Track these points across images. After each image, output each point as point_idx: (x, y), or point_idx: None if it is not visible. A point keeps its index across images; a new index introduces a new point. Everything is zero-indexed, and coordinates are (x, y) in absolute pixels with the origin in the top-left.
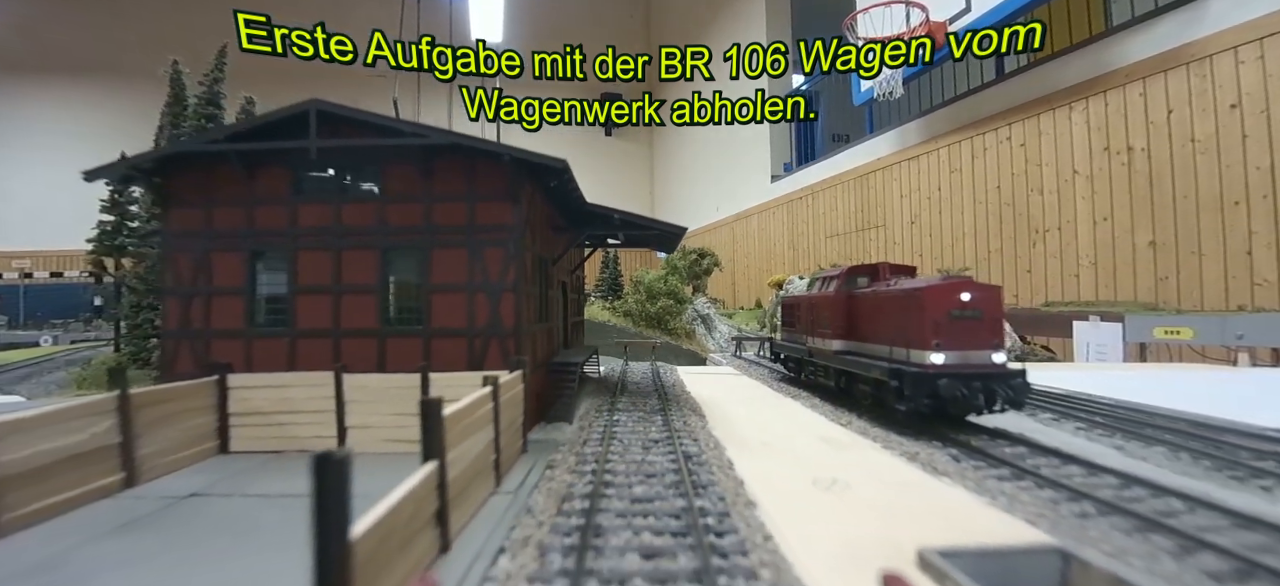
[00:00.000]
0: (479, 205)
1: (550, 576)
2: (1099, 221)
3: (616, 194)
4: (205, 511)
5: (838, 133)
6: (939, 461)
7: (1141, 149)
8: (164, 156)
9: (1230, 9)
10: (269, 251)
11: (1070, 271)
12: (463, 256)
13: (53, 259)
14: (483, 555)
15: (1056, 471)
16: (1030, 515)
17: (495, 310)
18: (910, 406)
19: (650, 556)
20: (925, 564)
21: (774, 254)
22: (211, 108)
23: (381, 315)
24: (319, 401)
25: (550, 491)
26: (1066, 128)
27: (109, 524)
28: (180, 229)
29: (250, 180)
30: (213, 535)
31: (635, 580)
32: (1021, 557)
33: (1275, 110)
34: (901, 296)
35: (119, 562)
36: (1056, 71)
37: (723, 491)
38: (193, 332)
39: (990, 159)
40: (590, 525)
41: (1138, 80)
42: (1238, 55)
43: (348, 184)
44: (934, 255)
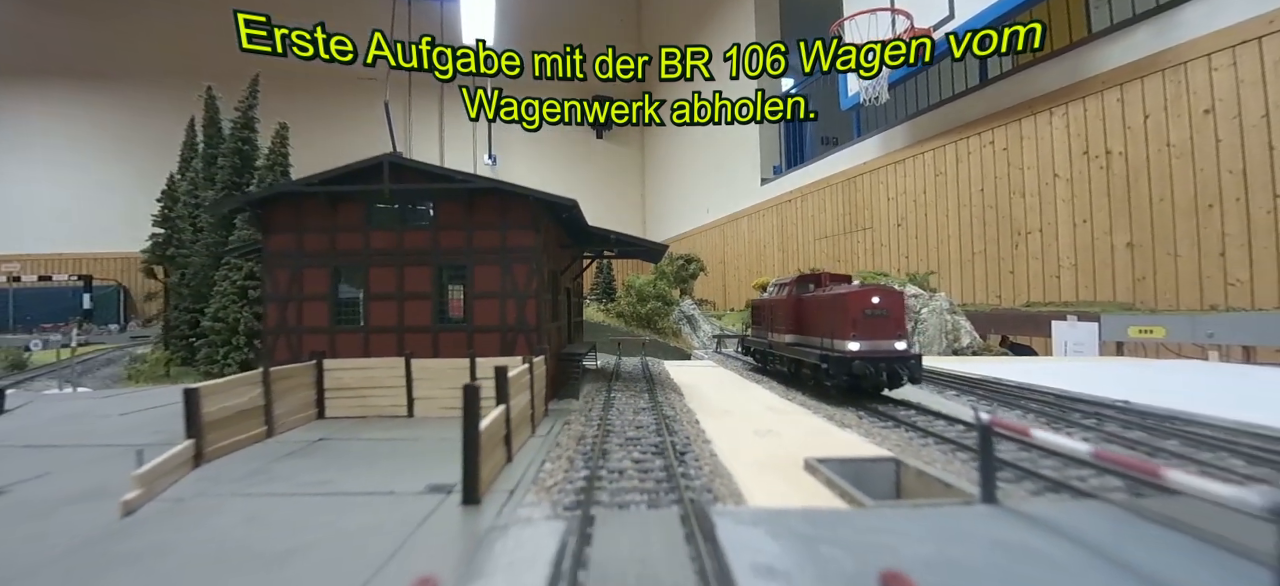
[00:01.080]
0: (509, 232)
1: (578, 470)
2: (1079, 223)
3: (608, 196)
4: (336, 448)
5: (827, 135)
6: (847, 419)
7: (1119, 153)
8: (269, 195)
9: (1204, 18)
10: (347, 267)
11: (1051, 272)
12: (496, 271)
13: (41, 262)
14: (533, 463)
15: (926, 424)
16: (891, 445)
17: (521, 312)
18: (834, 382)
19: (637, 462)
20: (809, 466)
21: (764, 256)
22: (246, 131)
23: (435, 315)
24: (393, 379)
25: (570, 434)
26: (1047, 132)
27: (276, 454)
28: (278, 249)
29: (333, 212)
30: (351, 460)
31: (629, 469)
32: (870, 464)
33: (1247, 116)
34: (831, 299)
35: (305, 469)
36: (1037, 77)
37: (688, 435)
38: (288, 329)
39: (974, 162)
40: (598, 449)
41: (1115, 86)
42: (1211, 62)
43: (408, 215)
44: (920, 257)
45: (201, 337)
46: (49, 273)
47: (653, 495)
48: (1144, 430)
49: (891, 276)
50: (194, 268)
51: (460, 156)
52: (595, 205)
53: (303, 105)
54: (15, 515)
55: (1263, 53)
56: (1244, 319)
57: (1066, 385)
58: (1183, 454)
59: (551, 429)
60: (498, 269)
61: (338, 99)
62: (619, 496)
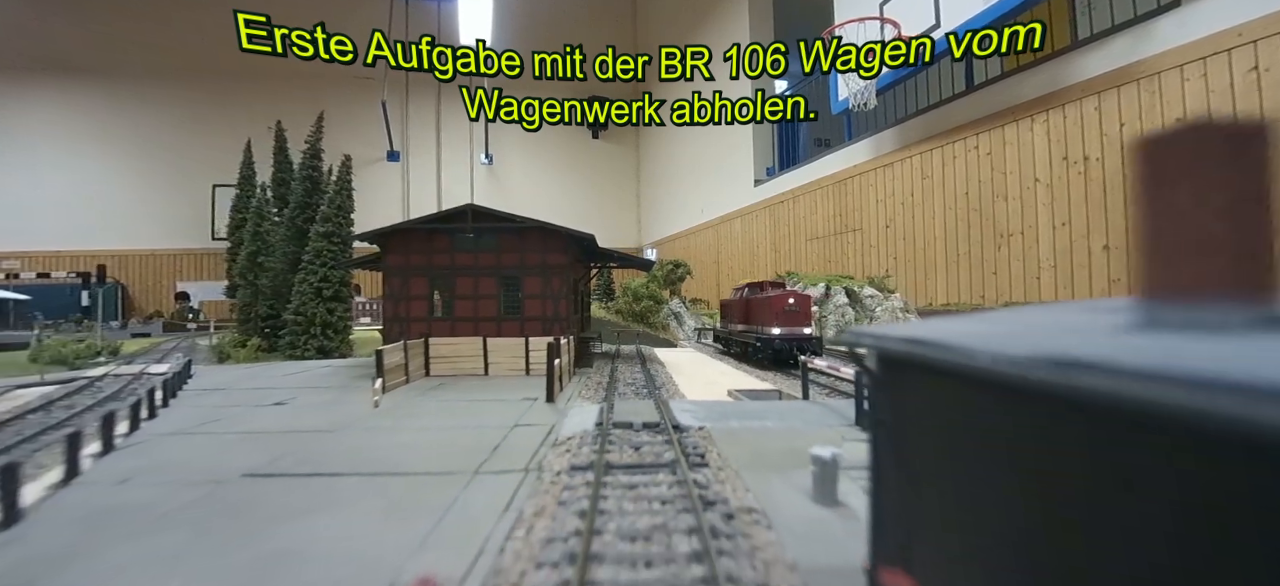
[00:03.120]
0: (547, 254)
1: (599, 399)
2: (1058, 226)
3: (603, 195)
4: (455, 385)
5: (820, 137)
6: (768, 376)
7: (1097, 159)
8: (389, 231)
9: (1175, 30)
10: (439, 277)
11: (1032, 274)
12: (539, 280)
13: (40, 259)
14: (572, 398)
15: (816, 378)
16: (785, 387)
17: (556, 308)
18: (763, 355)
19: (634, 390)
20: (729, 393)
21: (757, 256)
22: (314, 160)
23: (499, 310)
24: (473, 351)
25: (591, 381)
26: (1029, 138)
27: (422, 390)
28: (393, 265)
29: (430, 240)
30: (469, 390)
31: (629, 393)
32: (764, 390)
33: None
34: (764, 299)
35: (447, 394)
36: (1020, 84)
37: (663, 382)
38: (400, 319)
39: (959, 166)
40: (611, 384)
41: (1093, 95)
42: (1183, 73)
43: (481, 243)
44: (907, 258)
45: (284, 327)
46: (47, 270)
47: (640, 395)
48: None
49: (854, 280)
50: (274, 271)
51: (457, 155)
52: (590, 205)
53: (299, 101)
54: (311, 410)
55: (1232, 64)
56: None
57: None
58: None
59: (579, 380)
60: (540, 279)
61: (336, 96)
62: (623, 396)
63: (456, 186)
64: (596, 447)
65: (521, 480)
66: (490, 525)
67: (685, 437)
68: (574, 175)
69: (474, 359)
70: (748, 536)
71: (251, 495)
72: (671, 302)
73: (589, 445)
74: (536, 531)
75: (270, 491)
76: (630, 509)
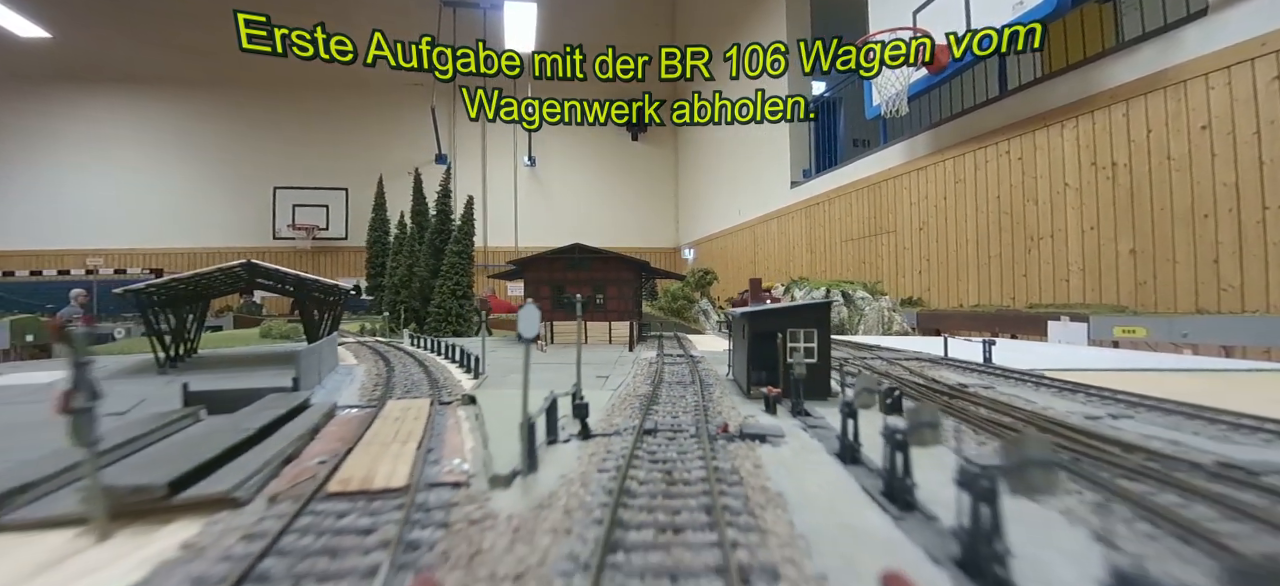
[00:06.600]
0: (621, 271)
1: (655, 358)
2: (1087, 230)
3: (640, 197)
4: (572, 348)
5: (859, 138)
6: None
7: (1124, 165)
8: (529, 260)
9: (1201, 39)
10: (557, 286)
11: (1061, 276)
12: (617, 288)
13: (116, 257)
14: (640, 357)
15: None
16: None
17: (630, 304)
18: None
19: (673, 356)
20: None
21: (794, 256)
22: (446, 200)
23: (593, 304)
24: (573, 328)
25: (648, 344)
26: (1058, 144)
27: (555, 349)
28: (530, 277)
29: (551, 263)
30: (559, 353)
31: (670, 348)
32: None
33: (1239, 131)
34: (743, 299)
35: (563, 353)
36: (1050, 91)
37: (691, 351)
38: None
39: (990, 171)
40: (661, 350)
41: (1121, 102)
42: (1208, 81)
43: (581, 264)
44: (940, 259)
45: (428, 317)
46: (123, 267)
47: (676, 348)
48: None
49: (853, 283)
50: (422, 279)
51: (501, 160)
52: (628, 207)
53: (352, 106)
54: (518, 354)
55: (1255, 73)
56: (1216, 321)
57: (969, 356)
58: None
59: (641, 345)
60: (618, 287)
61: (386, 102)
62: (669, 358)
63: (501, 191)
64: (658, 361)
65: (631, 368)
66: (625, 375)
67: (694, 358)
68: (614, 177)
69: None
70: (711, 370)
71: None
72: (701, 302)
73: (654, 359)
74: (640, 376)
75: (547, 371)
76: (671, 371)
